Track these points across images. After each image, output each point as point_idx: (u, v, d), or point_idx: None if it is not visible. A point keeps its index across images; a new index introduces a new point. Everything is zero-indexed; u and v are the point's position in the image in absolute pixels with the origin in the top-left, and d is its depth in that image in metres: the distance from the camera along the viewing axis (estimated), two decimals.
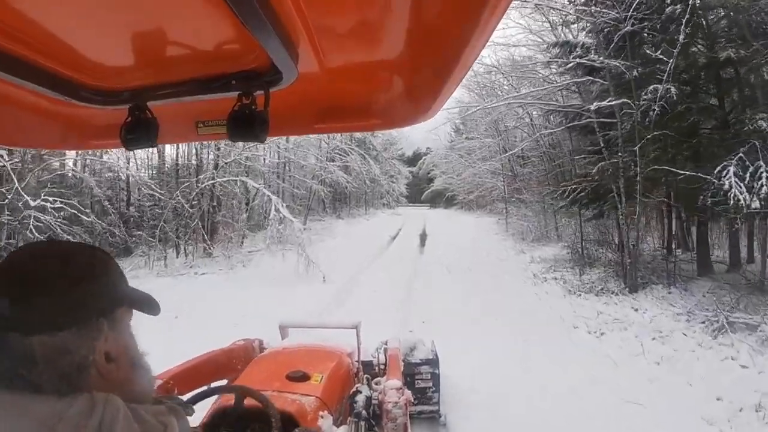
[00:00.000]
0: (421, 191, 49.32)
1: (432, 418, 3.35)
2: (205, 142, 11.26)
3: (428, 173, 44.05)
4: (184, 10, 0.59)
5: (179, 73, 0.75)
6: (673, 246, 8.28)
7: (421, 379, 3.30)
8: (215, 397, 1.69)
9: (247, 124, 0.74)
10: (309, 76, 0.76)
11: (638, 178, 6.74)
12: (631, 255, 7.23)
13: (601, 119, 8.04)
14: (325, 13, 0.62)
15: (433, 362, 3.38)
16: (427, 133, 27.44)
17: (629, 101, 6.79)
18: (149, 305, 0.64)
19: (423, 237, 18.91)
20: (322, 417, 1.75)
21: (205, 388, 1.73)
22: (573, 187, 8.79)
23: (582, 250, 9.67)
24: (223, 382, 2.28)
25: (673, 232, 8.21)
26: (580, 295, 7.35)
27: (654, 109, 6.90)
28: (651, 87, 6.87)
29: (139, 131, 0.81)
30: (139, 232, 11.38)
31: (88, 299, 0.54)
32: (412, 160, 49.62)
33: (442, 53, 0.67)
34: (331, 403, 1.89)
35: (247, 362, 2.36)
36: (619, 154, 7.31)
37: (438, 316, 5.81)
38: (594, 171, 7.96)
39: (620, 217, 7.59)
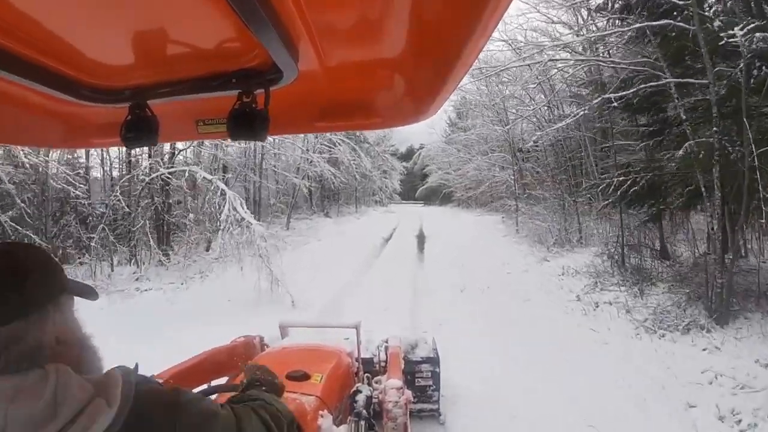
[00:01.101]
0: (415, 188, 49.81)
1: (432, 416, 3.55)
2: None
3: (422, 169, 44.35)
4: (185, 9, 0.64)
5: (179, 71, 0.81)
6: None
7: (422, 377, 3.37)
8: (213, 396, 1.73)
9: (248, 123, 0.78)
10: (309, 74, 0.81)
11: (755, 162, 5.09)
12: (724, 273, 5.63)
13: (685, 80, 6.38)
14: (325, 11, 0.67)
15: (434, 361, 3.54)
16: (422, 128, 25.92)
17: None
18: (87, 292, 0.77)
19: (421, 239, 17.41)
20: (322, 416, 1.81)
21: (205, 386, 1.80)
22: (620, 179, 7.29)
23: (622, 258, 8.35)
24: (224, 380, 2.35)
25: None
26: (663, 335, 5.44)
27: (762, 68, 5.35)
28: (759, 35, 5.17)
29: (140, 130, 0.87)
30: (91, 236, 10.07)
31: (34, 290, 0.64)
32: (406, 156, 51.49)
33: (442, 52, 0.71)
34: (331, 403, 1.99)
35: (248, 359, 2.43)
36: (714, 129, 5.77)
37: (463, 387, 4.00)
38: (681, 154, 6.38)
39: (710, 219, 6.11)
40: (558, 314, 6.78)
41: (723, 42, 5.41)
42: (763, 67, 5.53)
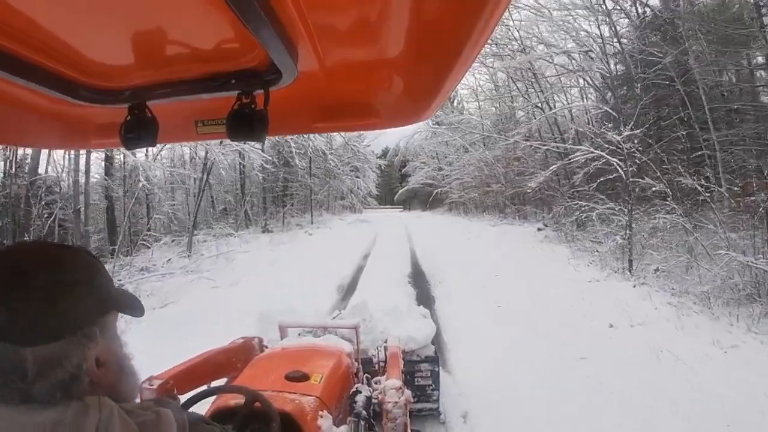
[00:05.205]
0: (393, 191, 44.11)
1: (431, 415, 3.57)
2: None
3: (401, 169, 38.97)
4: (184, 10, 0.64)
5: (179, 72, 0.82)
6: None
7: (421, 376, 3.39)
8: (214, 397, 1.78)
9: (247, 123, 0.79)
10: (308, 75, 0.82)
11: None
12: None
13: None
14: (324, 12, 0.67)
15: (433, 360, 3.57)
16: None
17: None
18: (133, 307, 0.68)
19: (422, 291, 7.95)
20: (321, 417, 1.82)
21: (204, 387, 1.80)
22: None
23: None
24: (223, 381, 2.38)
25: None
26: None
27: None
28: None
29: (139, 130, 0.87)
30: None
31: (81, 307, 0.57)
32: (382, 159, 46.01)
33: (441, 52, 0.72)
34: (331, 403, 1.99)
35: (247, 361, 2.45)
36: None
37: None
38: None
39: None
40: None
41: None
42: None
